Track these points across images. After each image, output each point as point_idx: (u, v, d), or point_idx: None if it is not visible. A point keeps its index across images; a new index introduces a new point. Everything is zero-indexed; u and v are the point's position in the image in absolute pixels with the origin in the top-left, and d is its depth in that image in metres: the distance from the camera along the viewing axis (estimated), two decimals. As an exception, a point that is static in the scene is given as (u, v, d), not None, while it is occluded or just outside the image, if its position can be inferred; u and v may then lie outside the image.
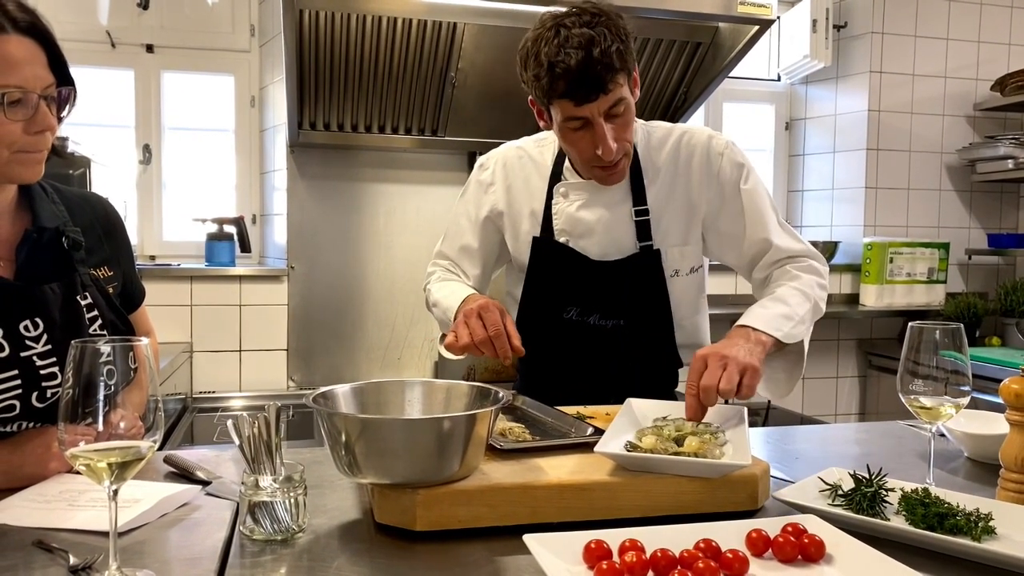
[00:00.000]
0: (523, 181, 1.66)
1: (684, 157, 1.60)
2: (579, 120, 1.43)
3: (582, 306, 1.61)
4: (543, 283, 1.63)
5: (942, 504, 1.00)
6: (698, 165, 1.60)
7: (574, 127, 1.45)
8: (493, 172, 1.69)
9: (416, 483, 0.97)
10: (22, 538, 0.95)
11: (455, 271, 1.72)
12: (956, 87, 3.56)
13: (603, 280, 1.59)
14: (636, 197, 1.58)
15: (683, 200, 1.60)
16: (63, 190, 1.30)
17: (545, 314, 1.64)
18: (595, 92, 1.39)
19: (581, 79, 1.38)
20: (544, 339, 1.65)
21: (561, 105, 1.42)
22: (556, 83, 1.39)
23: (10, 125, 1.10)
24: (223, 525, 1.01)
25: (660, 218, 1.59)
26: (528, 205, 1.65)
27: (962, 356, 1.14)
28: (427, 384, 1.17)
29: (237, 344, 2.92)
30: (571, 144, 1.50)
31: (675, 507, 1.04)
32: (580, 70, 1.37)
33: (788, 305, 1.45)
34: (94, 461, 0.78)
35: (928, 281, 3.49)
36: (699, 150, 1.60)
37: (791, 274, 1.55)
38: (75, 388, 0.78)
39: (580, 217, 1.59)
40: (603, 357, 1.64)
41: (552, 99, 1.43)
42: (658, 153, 1.61)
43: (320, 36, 2.46)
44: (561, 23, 1.40)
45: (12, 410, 1.14)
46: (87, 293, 1.22)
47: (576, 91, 1.39)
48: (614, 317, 1.61)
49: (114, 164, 2.92)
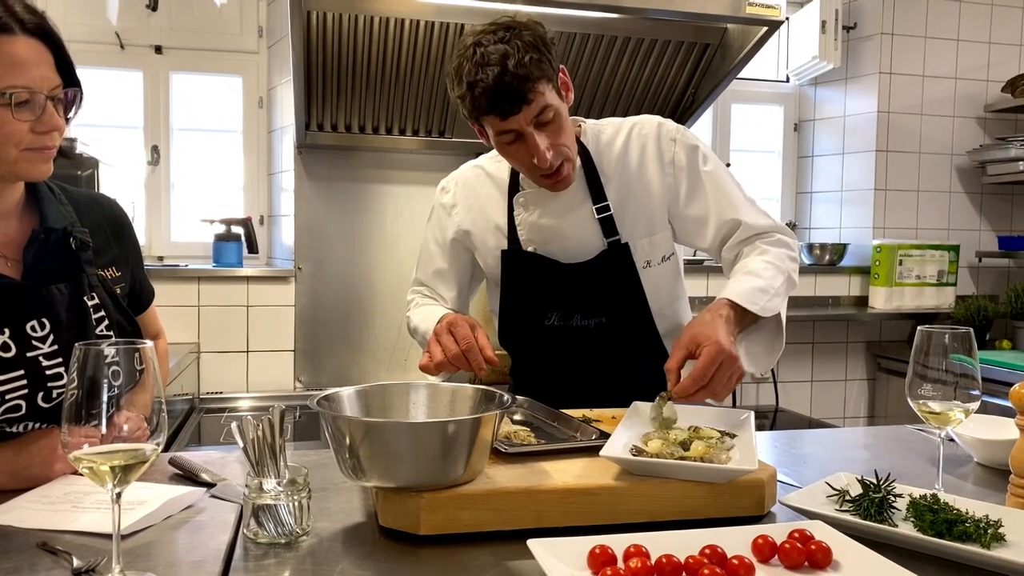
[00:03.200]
0: (484, 198, 1.68)
1: (637, 149, 1.60)
2: (510, 133, 1.44)
3: (562, 310, 1.62)
4: (519, 293, 1.65)
5: (951, 510, 0.99)
6: (652, 154, 1.60)
7: (507, 140, 1.46)
8: (454, 194, 1.71)
9: (421, 487, 0.97)
10: (27, 540, 0.95)
11: (432, 296, 1.75)
12: (966, 88, 3.54)
13: (577, 281, 1.60)
14: (595, 195, 1.59)
15: (643, 191, 1.60)
16: (71, 191, 1.31)
17: (527, 323, 1.65)
18: (516, 104, 1.40)
19: (500, 94, 1.39)
20: (530, 348, 1.67)
21: (489, 121, 1.44)
22: (478, 101, 1.41)
23: (17, 125, 1.10)
24: (227, 528, 1.01)
25: (624, 212, 1.59)
26: (492, 220, 1.66)
27: (971, 360, 1.12)
28: (432, 387, 1.17)
29: (244, 345, 2.92)
30: (510, 156, 1.51)
31: (681, 512, 1.03)
32: (498, 86, 1.38)
33: (762, 278, 1.45)
34: (97, 464, 0.78)
35: (938, 284, 3.47)
36: (651, 140, 1.60)
37: (761, 248, 1.55)
38: (79, 390, 0.78)
39: (543, 224, 1.60)
40: (591, 357, 1.64)
41: (480, 116, 1.45)
42: (610, 149, 1.61)
43: (328, 38, 2.46)
44: (478, 42, 1.41)
45: (18, 410, 1.14)
46: (94, 294, 1.22)
47: (498, 106, 1.40)
48: (595, 316, 1.62)
49: (122, 165, 2.93)
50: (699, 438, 1.16)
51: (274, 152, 3.11)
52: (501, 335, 1.71)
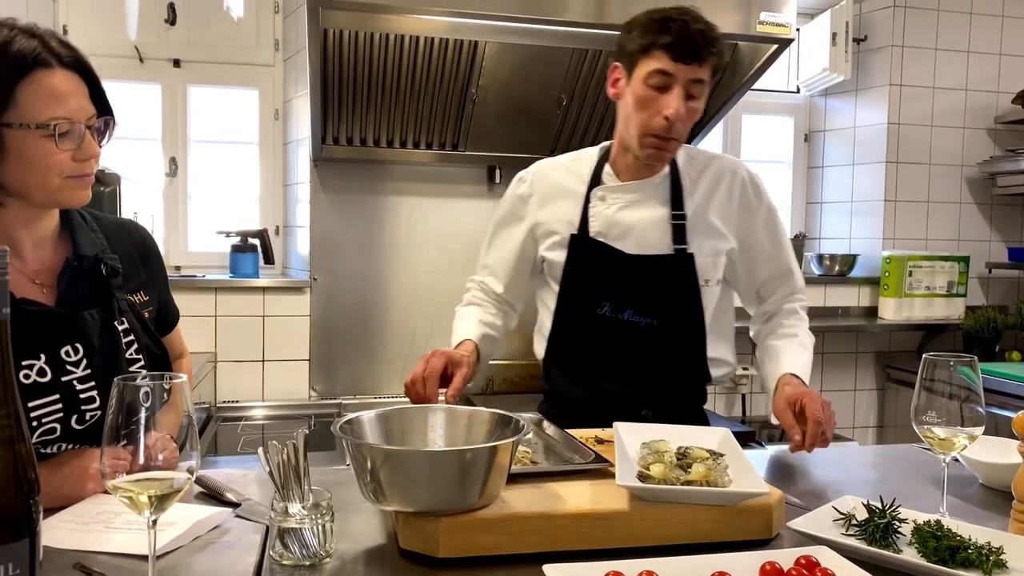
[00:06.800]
0: (560, 190, 1.74)
1: (726, 183, 1.71)
2: (664, 78, 1.53)
3: (616, 301, 1.66)
4: (579, 279, 1.69)
5: (954, 537, 1.02)
6: (740, 191, 1.71)
7: (654, 84, 1.54)
8: (531, 183, 1.77)
9: (439, 511, 1.01)
10: (63, 560, 0.99)
11: (482, 291, 1.84)
12: (977, 100, 3.55)
13: (637, 275, 1.65)
14: (675, 203, 1.67)
15: (718, 217, 1.69)
16: (101, 218, 1.35)
17: (580, 310, 1.69)
18: (694, 55, 1.51)
19: (689, 37, 1.50)
20: (578, 335, 1.71)
21: (656, 57, 1.53)
22: (663, 33, 1.51)
23: (61, 155, 1.15)
24: (253, 549, 1.04)
25: (695, 228, 1.67)
26: (565, 213, 1.71)
27: (976, 385, 1.15)
28: (449, 410, 1.20)
29: (260, 354, 2.97)
30: (638, 107, 1.57)
31: (692, 536, 1.06)
32: (691, 32, 1.51)
33: (808, 351, 1.71)
34: (135, 494, 0.82)
35: (948, 295, 3.49)
36: (739, 181, 1.72)
37: (800, 316, 1.76)
38: (115, 416, 0.82)
39: (618, 219, 1.66)
40: (634, 355, 1.68)
41: (650, 51, 1.53)
42: (697, 171, 1.71)
43: (344, 54, 2.51)
44: (683, 7, 1.56)
45: (53, 433, 1.18)
46: (124, 318, 1.26)
47: (679, 46, 1.50)
48: (647, 315, 1.66)
49: (141, 177, 2.99)
50: (693, 459, 1.19)
51: (290, 164, 3.15)
52: (555, 324, 1.75)
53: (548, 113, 2.87)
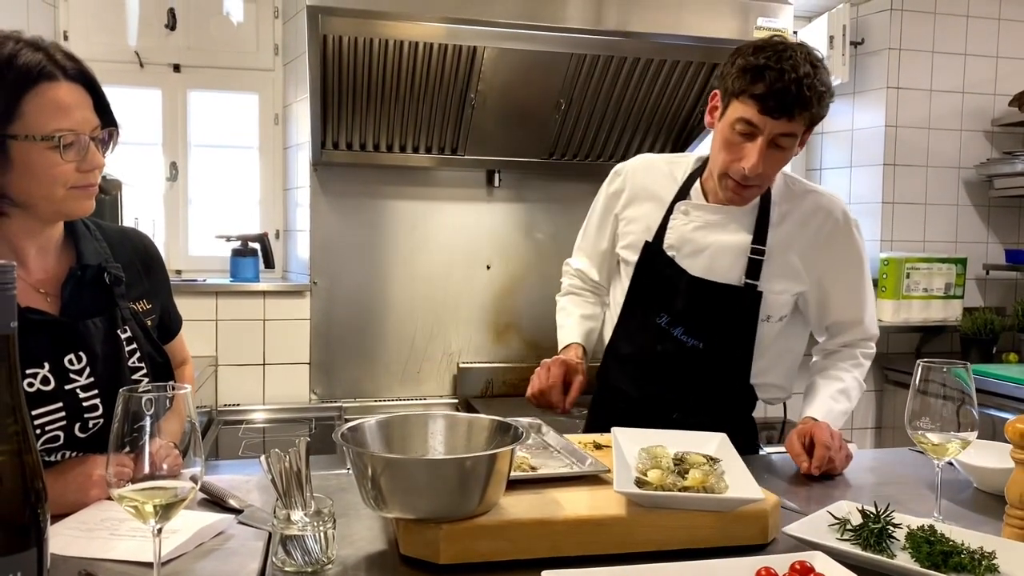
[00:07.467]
0: (648, 191, 1.73)
1: (817, 221, 1.65)
2: (749, 127, 1.47)
3: (672, 316, 1.66)
4: (644, 286, 1.70)
5: (947, 542, 1.03)
6: (829, 232, 1.65)
7: (740, 131, 1.49)
8: (624, 178, 1.78)
9: (440, 518, 1.02)
10: (68, 567, 1.00)
11: (580, 278, 1.91)
12: (974, 103, 3.57)
13: (696, 298, 1.63)
14: (757, 235, 1.62)
15: (800, 255, 1.64)
16: (104, 226, 1.37)
17: (641, 314, 1.71)
18: (784, 111, 1.44)
19: (782, 92, 1.42)
20: (633, 336, 1.73)
21: (744, 105, 1.46)
22: (756, 82, 1.44)
23: (65, 166, 1.17)
24: (256, 555, 1.06)
25: (772, 262, 1.62)
26: (646, 217, 1.71)
27: (970, 389, 1.17)
28: (449, 417, 1.22)
29: (261, 358, 2.98)
30: (723, 147, 1.53)
31: (689, 541, 1.08)
32: (784, 84, 1.42)
33: (851, 402, 1.67)
34: (141, 503, 0.83)
35: (945, 296, 3.50)
36: (831, 222, 1.65)
37: (857, 361, 1.72)
38: (120, 424, 0.83)
39: (693, 237, 1.64)
40: (678, 369, 1.68)
41: (741, 96, 1.46)
42: (791, 203, 1.66)
43: (343, 60, 2.52)
44: (790, 46, 1.46)
45: (56, 440, 1.20)
46: (127, 327, 1.28)
47: (769, 99, 1.43)
48: (697, 337, 1.64)
49: (142, 182, 3.00)
50: (690, 464, 1.21)
51: (290, 168, 3.17)
52: (619, 319, 1.76)
53: (546, 117, 2.88)
